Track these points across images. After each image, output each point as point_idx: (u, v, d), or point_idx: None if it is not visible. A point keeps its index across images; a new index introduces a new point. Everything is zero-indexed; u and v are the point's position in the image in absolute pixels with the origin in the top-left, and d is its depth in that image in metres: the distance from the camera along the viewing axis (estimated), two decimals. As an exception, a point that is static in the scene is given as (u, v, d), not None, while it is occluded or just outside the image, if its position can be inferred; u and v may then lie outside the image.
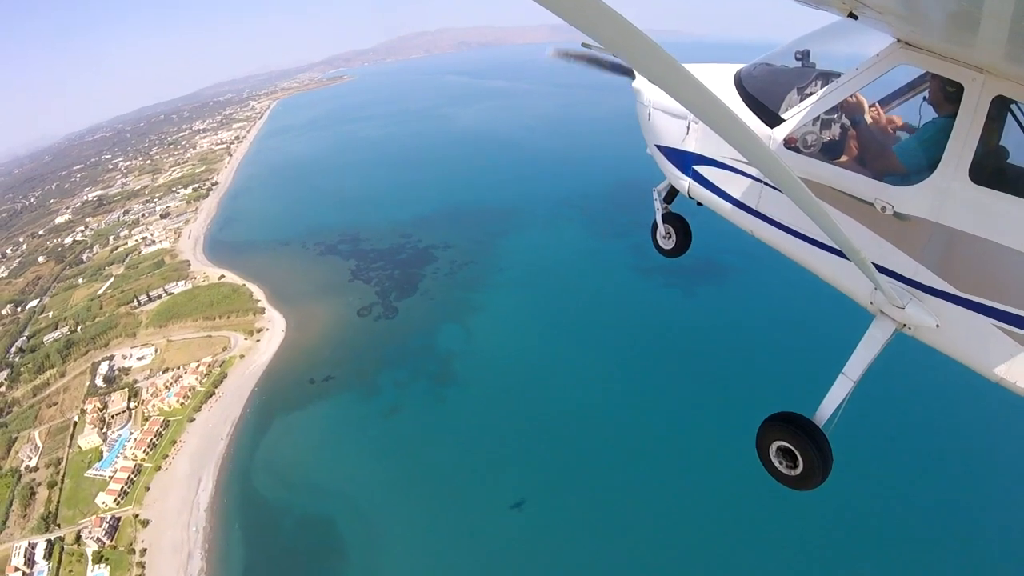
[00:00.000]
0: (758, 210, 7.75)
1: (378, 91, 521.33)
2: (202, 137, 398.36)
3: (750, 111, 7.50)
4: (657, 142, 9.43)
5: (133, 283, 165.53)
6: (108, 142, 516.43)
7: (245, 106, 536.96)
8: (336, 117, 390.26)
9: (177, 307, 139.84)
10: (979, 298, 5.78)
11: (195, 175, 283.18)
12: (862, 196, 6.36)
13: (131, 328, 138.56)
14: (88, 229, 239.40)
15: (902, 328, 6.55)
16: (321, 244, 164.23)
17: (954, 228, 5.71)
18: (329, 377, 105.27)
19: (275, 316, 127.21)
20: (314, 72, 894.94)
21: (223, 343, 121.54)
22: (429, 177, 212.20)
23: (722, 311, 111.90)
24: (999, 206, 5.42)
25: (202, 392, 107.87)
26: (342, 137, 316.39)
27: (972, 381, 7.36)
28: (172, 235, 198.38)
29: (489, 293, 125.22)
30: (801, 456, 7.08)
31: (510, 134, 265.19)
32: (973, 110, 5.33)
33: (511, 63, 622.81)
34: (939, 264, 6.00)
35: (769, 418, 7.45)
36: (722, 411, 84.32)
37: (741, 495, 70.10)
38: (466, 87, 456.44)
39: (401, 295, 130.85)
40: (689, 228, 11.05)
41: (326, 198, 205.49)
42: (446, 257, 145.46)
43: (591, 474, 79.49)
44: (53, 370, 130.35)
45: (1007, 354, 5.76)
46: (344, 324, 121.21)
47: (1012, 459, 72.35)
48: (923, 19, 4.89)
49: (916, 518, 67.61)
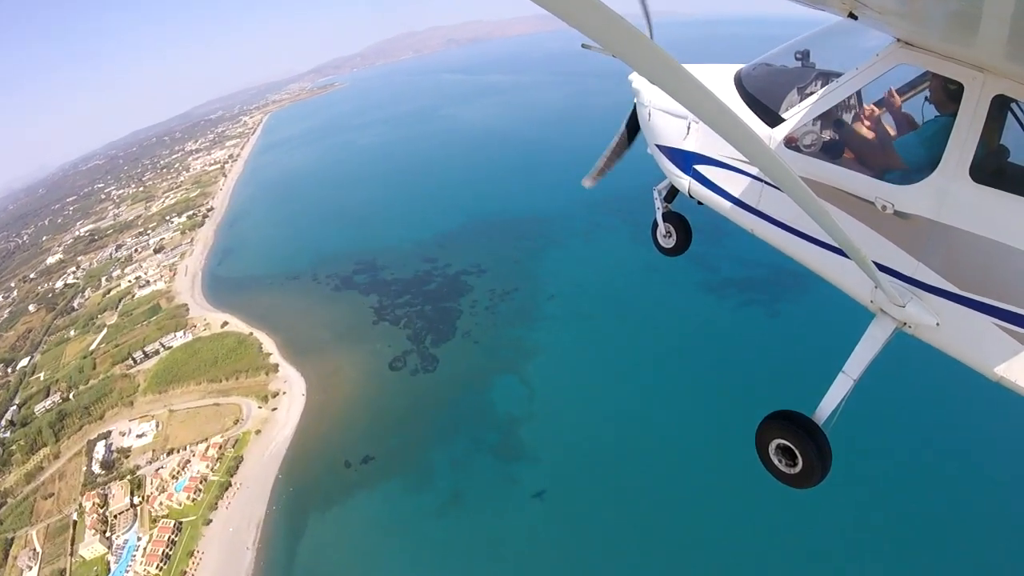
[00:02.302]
0: (759, 209, 7.60)
1: (372, 96, 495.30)
2: (195, 158, 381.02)
3: (750, 111, 7.33)
4: (657, 142, 9.32)
5: (128, 334, 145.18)
6: (101, 170, 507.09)
7: (237, 122, 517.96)
8: (332, 127, 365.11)
9: (177, 366, 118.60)
10: (979, 297, 5.64)
11: (189, 200, 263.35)
12: (862, 195, 6.24)
13: (127, 394, 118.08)
14: (80, 270, 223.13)
15: (902, 327, 6.39)
16: (334, 276, 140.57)
17: (954, 227, 5.58)
18: (368, 458, 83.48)
19: (291, 374, 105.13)
20: (304, 82, 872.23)
21: (234, 413, 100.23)
22: (442, 186, 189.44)
23: (818, 326, 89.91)
24: (999, 205, 5.26)
25: (216, 482, 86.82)
26: (341, 148, 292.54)
27: (972, 380, 6.61)
28: (167, 273, 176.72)
29: (542, 329, 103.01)
30: (800, 454, 6.92)
31: (520, 131, 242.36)
32: (973, 109, 5.20)
33: (504, 57, 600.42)
34: (939, 263, 5.87)
35: (769, 416, 7.28)
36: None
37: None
38: (463, 85, 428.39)
39: (438, 338, 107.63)
40: (689, 227, 10.95)
41: (333, 218, 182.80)
42: (482, 285, 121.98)
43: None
44: (46, 449, 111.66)
45: (1007, 353, 5.59)
46: (376, 381, 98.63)
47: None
48: (923, 19, 4.81)
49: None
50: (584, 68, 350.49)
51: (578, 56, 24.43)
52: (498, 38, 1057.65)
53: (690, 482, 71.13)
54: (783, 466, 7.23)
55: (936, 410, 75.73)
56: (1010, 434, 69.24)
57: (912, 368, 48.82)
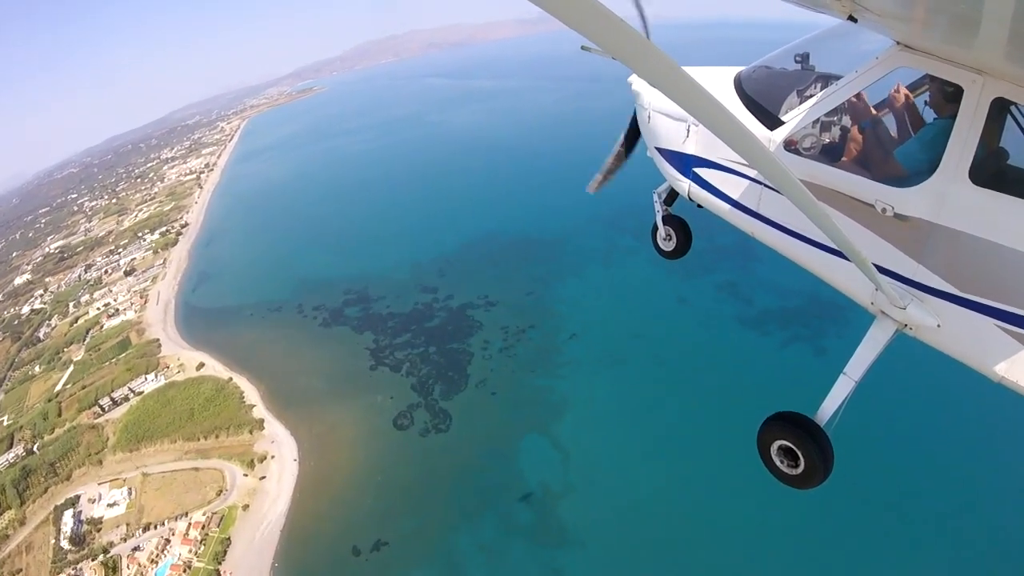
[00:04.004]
0: (758, 212, 7.39)
1: (354, 101, 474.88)
2: (170, 167, 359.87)
3: (750, 114, 7.17)
4: (657, 144, 9.11)
5: (95, 374, 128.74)
6: (75, 179, 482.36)
7: (214, 128, 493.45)
8: (314, 133, 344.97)
9: (149, 419, 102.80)
10: (980, 298, 5.52)
11: (163, 215, 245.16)
12: (862, 198, 6.10)
13: (96, 450, 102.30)
14: (48, 292, 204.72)
15: (903, 328, 6.27)
16: (322, 308, 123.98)
17: (954, 229, 5.46)
18: (381, 543, 68.86)
19: (279, 433, 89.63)
20: (283, 86, 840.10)
21: (216, 481, 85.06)
22: (436, 201, 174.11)
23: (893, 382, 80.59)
24: (999, 207, 5.15)
25: (202, 570, 72.36)
26: (324, 156, 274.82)
27: (973, 381, 6.43)
28: (138, 300, 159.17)
29: (569, 377, 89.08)
30: (802, 455, 6.78)
31: (515, 139, 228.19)
32: (973, 112, 5.11)
33: (488, 61, 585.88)
34: (940, 265, 5.74)
35: (770, 417, 7.12)
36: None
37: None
38: (450, 89, 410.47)
39: (448, 389, 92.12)
40: (689, 230, 10.65)
41: (317, 238, 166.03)
42: (492, 321, 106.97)
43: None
44: (11, 513, 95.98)
45: (1008, 354, 5.48)
46: (380, 443, 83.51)
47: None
48: (922, 21, 4.74)
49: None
50: (570, 72, 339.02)
51: (563, 60, 17.15)
52: (480, 42, 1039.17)
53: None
54: (785, 467, 7.05)
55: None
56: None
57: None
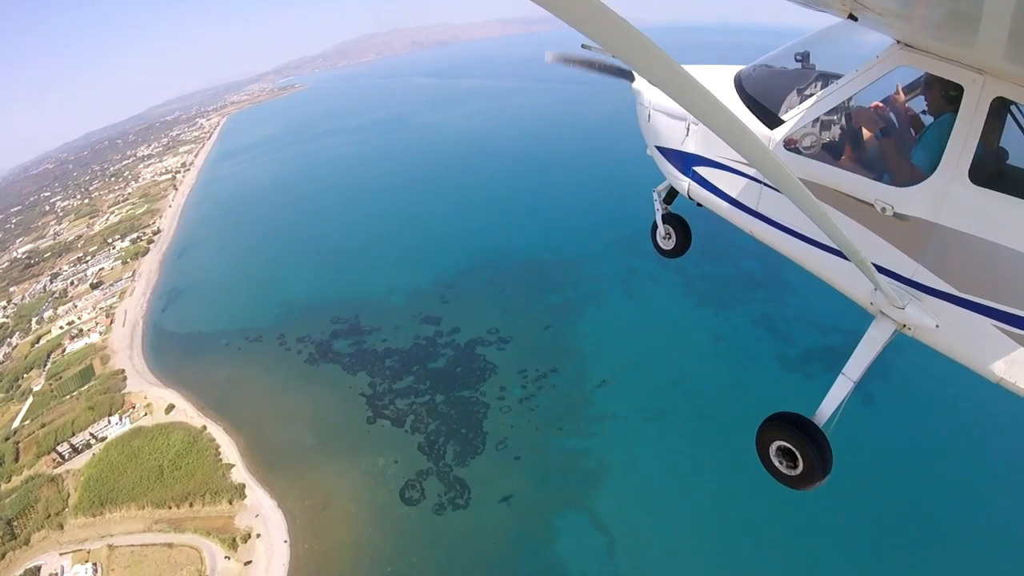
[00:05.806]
0: (758, 211, 7.32)
1: (337, 100, 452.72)
2: (146, 165, 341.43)
3: (750, 112, 7.08)
4: (657, 143, 9.00)
5: (55, 410, 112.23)
6: (50, 176, 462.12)
7: (193, 125, 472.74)
8: (296, 133, 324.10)
9: (113, 476, 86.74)
10: (979, 298, 5.46)
11: (135, 219, 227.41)
12: (862, 197, 6.01)
13: (56, 509, 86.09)
14: (11, 304, 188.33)
15: (902, 328, 6.21)
16: (307, 340, 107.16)
17: (954, 229, 5.40)
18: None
19: (264, 504, 74.28)
20: (264, 83, 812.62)
21: (193, 562, 69.25)
22: (431, 213, 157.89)
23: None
24: (999, 207, 5.10)
25: None
26: (307, 159, 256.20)
27: (972, 381, 6.50)
28: (103, 320, 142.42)
29: (603, 436, 75.04)
30: (801, 456, 6.69)
31: (512, 144, 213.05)
32: (973, 111, 5.05)
33: (475, 60, 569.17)
34: (939, 264, 5.68)
35: (769, 418, 7.02)
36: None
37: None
38: (437, 89, 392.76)
39: (463, 451, 76.26)
40: (689, 229, 10.59)
41: (301, 253, 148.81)
42: (507, 363, 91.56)
43: None
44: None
45: (1007, 354, 5.42)
46: (386, 523, 68.16)
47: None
48: (923, 20, 4.71)
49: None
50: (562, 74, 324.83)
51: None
52: (464, 41, 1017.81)
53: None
54: (784, 468, 6.98)
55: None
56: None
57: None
